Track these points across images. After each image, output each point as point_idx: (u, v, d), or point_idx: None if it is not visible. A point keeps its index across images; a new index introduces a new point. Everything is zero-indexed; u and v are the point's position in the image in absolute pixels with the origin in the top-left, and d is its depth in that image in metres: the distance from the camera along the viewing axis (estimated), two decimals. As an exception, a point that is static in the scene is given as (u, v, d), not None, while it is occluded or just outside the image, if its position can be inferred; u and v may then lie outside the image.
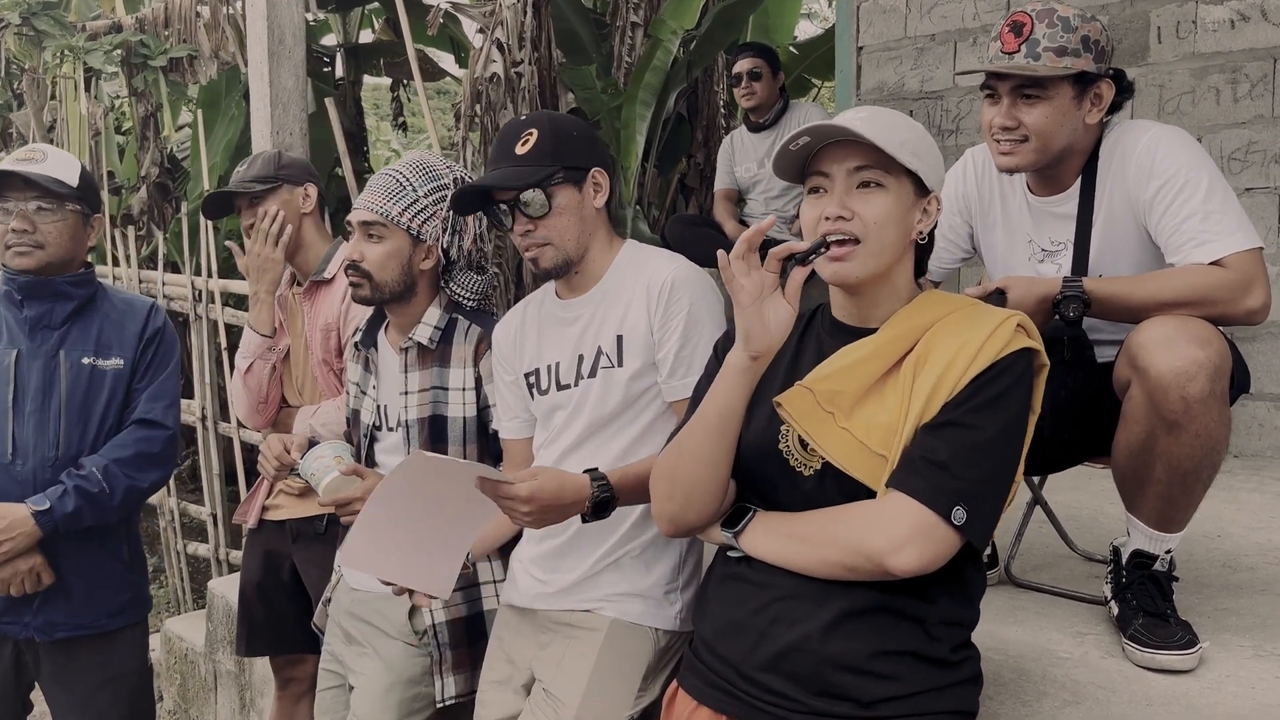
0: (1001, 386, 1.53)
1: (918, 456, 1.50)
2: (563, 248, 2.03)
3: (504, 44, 6.27)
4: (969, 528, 1.49)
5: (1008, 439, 1.54)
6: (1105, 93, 2.11)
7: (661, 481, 1.68)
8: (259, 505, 2.87)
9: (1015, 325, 1.56)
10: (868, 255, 1.58)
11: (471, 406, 2.33)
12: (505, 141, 2.06)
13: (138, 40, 6.06)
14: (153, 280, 6.00)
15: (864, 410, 1.56)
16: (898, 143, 1.55)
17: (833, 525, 1.55)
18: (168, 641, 4.01)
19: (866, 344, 1.60)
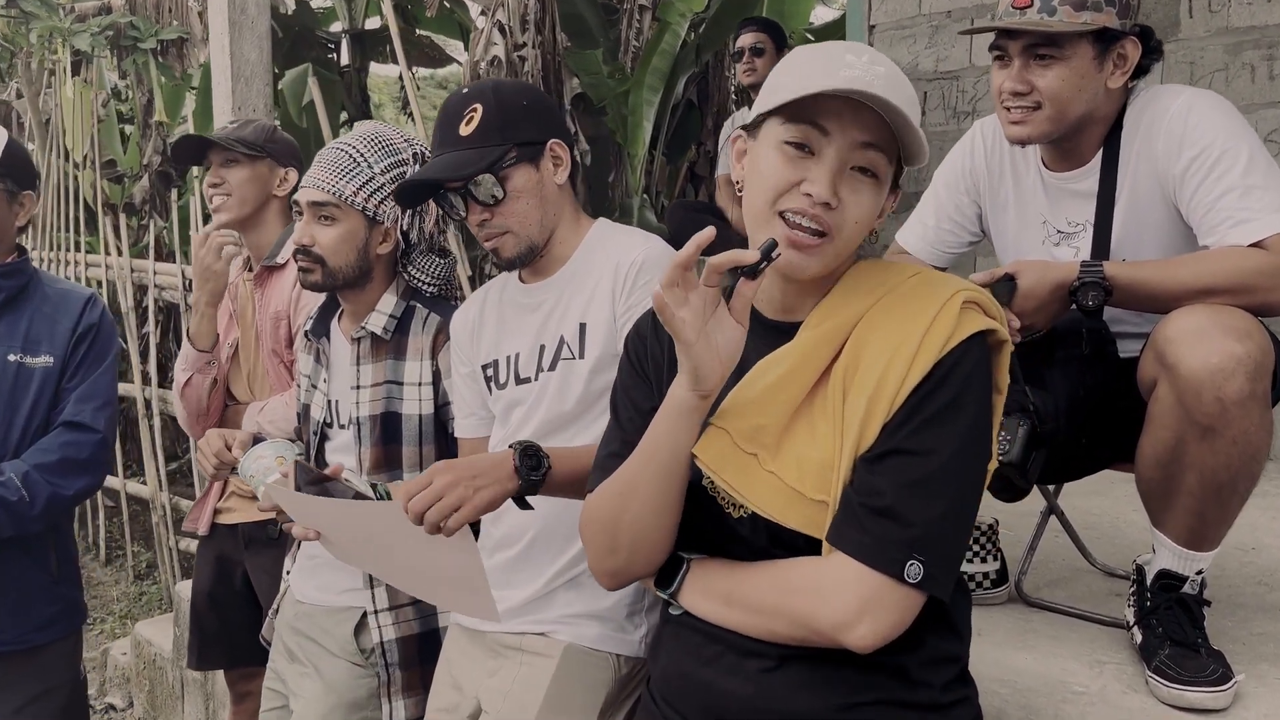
0: (951, 391, 1.25)
1: (857, 503, 1.25)
2: (524, 234, 1.82)
3: (506, 26, 6.06)
4: (929, 581, 1.24)
5: (966, 456, 1.26)
6: (1130, 53, 1.88)
7: (601, 534, 1.41)
8: (209, 510, 2.68)
9: (961, 304, 1.28)
10: (834, 255, 1.31)
11: (428, 403, 2.12)
12: (447, 121, 1.83)
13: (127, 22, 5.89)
14: (144, 269, 5.88)
15: (793, 444, 1.30)
16: (916, 121, 1.27)
17: (774, 593, 1.29)
18: (137, 646, 3.83)
19: (785, 356, 1.32)
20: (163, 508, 5.79)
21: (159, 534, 5.88)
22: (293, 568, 2.29)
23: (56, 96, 6.36)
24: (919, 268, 1.38)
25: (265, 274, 2.63)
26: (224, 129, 2.68)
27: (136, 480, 6.14)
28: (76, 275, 6.25)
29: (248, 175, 2.64)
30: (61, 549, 2.37)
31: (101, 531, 6.39)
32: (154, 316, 5.80)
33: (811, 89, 1.24)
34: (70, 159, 6.37)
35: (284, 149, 2.71)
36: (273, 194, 2.69)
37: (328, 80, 6.90)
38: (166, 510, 5.78)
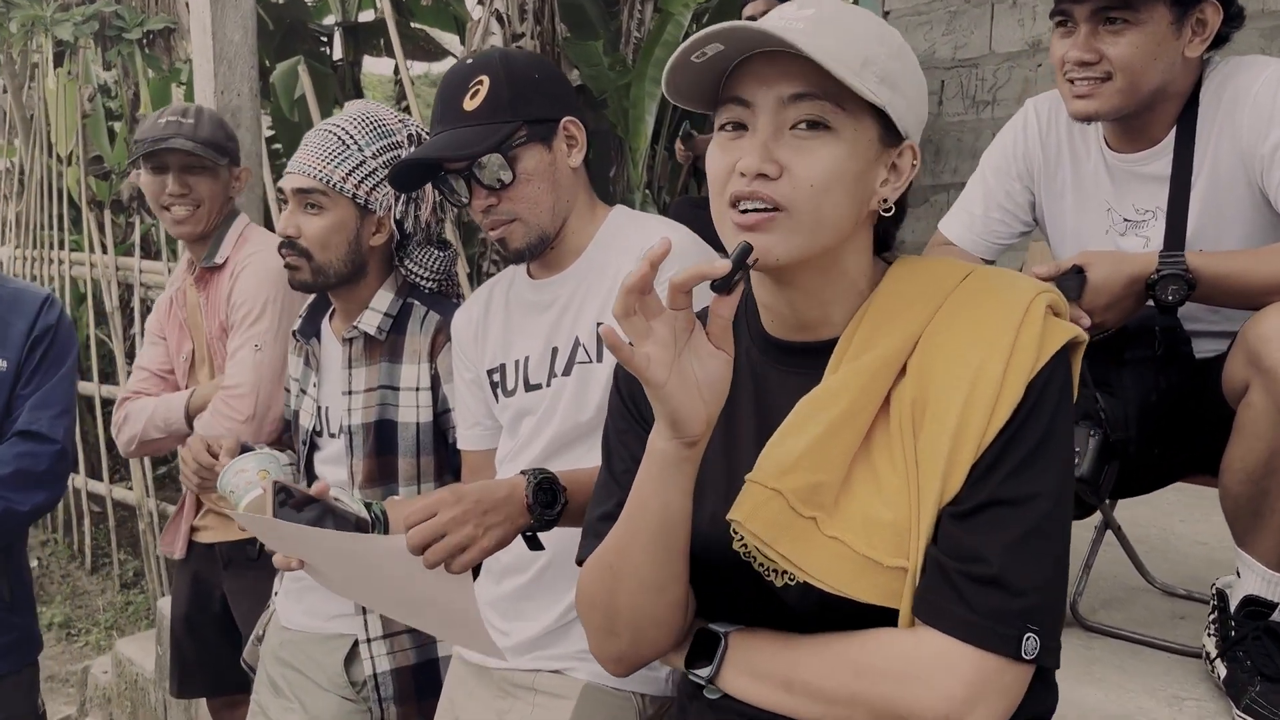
0: (1044, 421, 1.03)
1: (954, 570, 1.01)
2: (535, 223, 1.62)
3: (504, 15, 5.87)
4: (1045, 654, 1.02)
5: (1066, 494, 1.04)
6: (1210, 18, 1.68)
7: (595, 614, 1.18)
8: (184, 531, 2.48)
9: (1045, 308, 1.06)
10: (799, 231, 1.05)
11: (426, 410, 1.93)
12: (449, 94, 1.63)
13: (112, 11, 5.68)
14: (131, 268, 5.70)
15: (855, 500, 1.06)
16: (858, 61, 1.03)
17: (854, 680, 1.05)
18: (118, 664, 3.63)
19: (836, 393, 1.07)
20: (150, 514, 5.61)
21: (146, 541, 5.70)
22: (279, 590, 2.09)
23: (40, 90, 6.16)
24: (971, 265, 1.15)
25: (206, 276, 2.43)
26: (174, 124, 2.40)
27: (123, 486, 5.96)
28: (61, 274, 6.09)
29: (216, 183, 2.43)
30: (14, 574, 2.15)
31: (87, 539, 6.21)
32: (140, 316, 5.62)
33: (710, 50, 1.04)
34: (55, 155, 6.18)
35: (236, 145, 2.52)
36: (230, 197, 2.50)
37: (320, 74, 6.70)
38: (154, 517, 5.60)
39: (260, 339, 2.27)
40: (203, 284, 2.43)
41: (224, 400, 2.25)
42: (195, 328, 2.47)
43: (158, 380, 2.51)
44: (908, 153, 1.11)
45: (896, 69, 1.07)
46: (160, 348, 2.54)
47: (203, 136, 2.40)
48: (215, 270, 2.41)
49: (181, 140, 2.37)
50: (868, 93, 1.02)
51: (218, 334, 2.37)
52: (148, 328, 2.58)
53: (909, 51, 1.10)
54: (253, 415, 2.23)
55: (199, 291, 2.44)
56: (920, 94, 1.12)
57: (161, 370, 2.52)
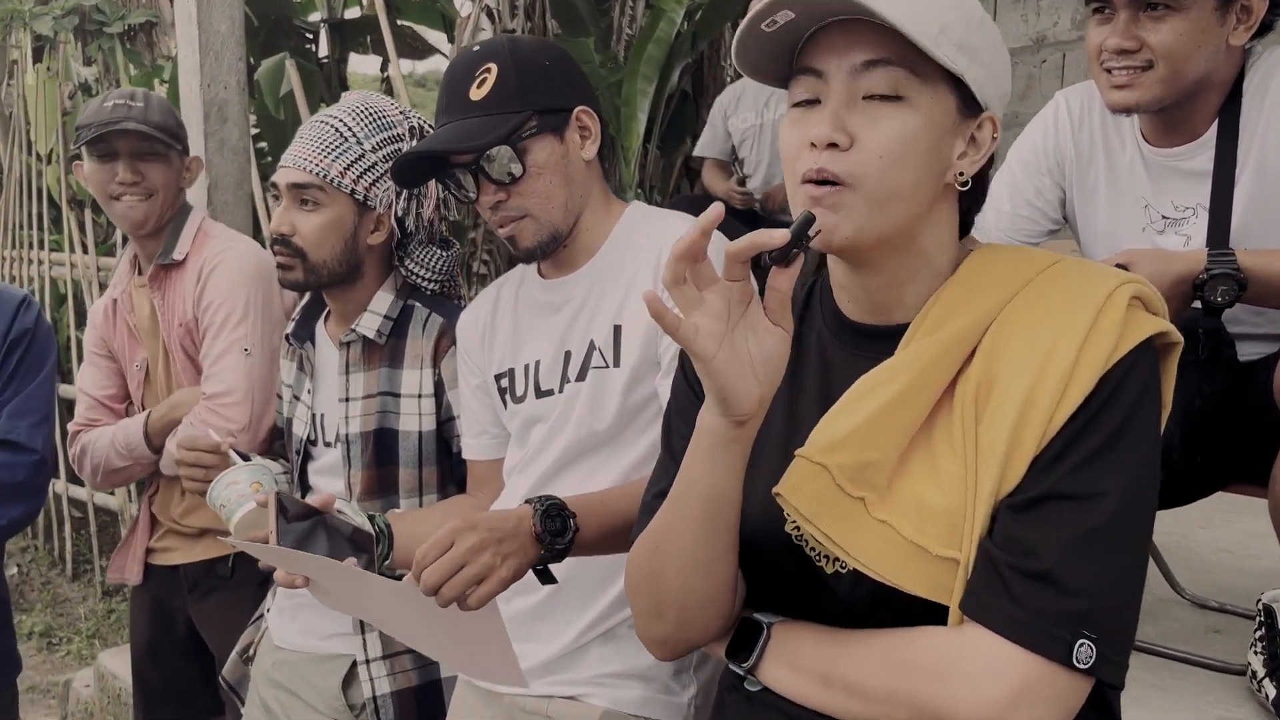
0: (1120, 414, 0.96)
1: (1004, 564, 0.95)
2: (546, 219, 1.53)
3: (495, 11, 5.78)
4: (1102, 665, 0.93)
5: (1141, 498, 0.97)
6: (1255, 5, 1.61)
7: (641, 595, 1.14)
8: (139, 555, 2.33)
9: (1130, 298, 0.99)
10: (865, 207, 1.00)
11: (429, 418, 1.83)
12: (455, 83, 1.54)
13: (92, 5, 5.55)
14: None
15: (909, 484, 1.01)
16: (935, 27, 0.98)
17: (894, 676, 0.99)
18: (100, 678, 3.52)
19: (896, 370, 1.02)
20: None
21: (128, 548, 5.60)
22: (271, 606, 1.99)
23: (19, 87, 6.03)
24: (1058, 255, 1.07)
25: (162, 274, 2.24)
26: (123, 107, 2.19)
27: (104, 490, 5.84)
28: (40, 274, 5.99)
29: (168, 171, 2.24)
30: None
31: (68, 545, 6.09)
32: (123, 318, 5.50)
33: (781, 19, 0.99)
34: (35, 153, 6.06)
35: (185, 132, 2.32)
36: (180, 188, 2.30)
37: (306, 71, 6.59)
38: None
39: (248, 341, 2.12)
40: (158, 283, 2.25)
41: (212, 409, 2.09)
42: (147, 333, 2.30)
43: (103, 409, 2.32)
44: (988, 124, 1.05)
45: (976, 38, 1.01)
46: (100, 367, 2.35)
47: (154, 120, 2.20)
48: (174, 267, 2.23)
49: (133, 123, 2.16)
50: (945, 59, 0.97)
51: (179, 335, 2.21)
52: (85, 343, 2.38)
53: (990, 23, 1.04)
54: (248, 424, 2.09)
55: (154, 291, 2.25)
56: (1003, 66, 1.05)
57: (104, 396, 2.33)
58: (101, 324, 2.36)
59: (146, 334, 2.30)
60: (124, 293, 2.34)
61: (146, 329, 2.30)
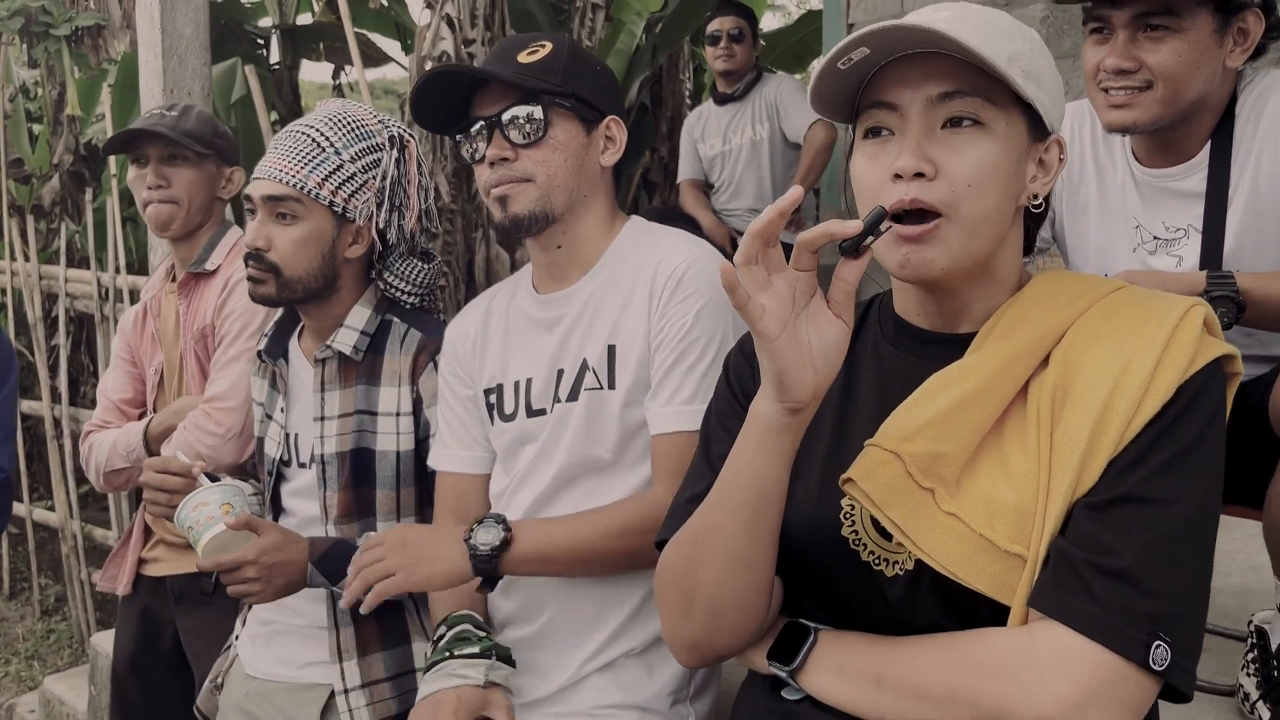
0: (1195, 426, 0.97)
1: (1081, 561, 0.95)
2: (545, 191, 1.49)
3: (455, 20, 5.71)
4: (1175, 671, 0.93)
5: (1212, 511, 0.98)
6: (1252, 27, 1.62)
7: (672, 592, 1.12)
8: (130, 565, 2.29)
9: (1202, 319, 1.02)
10: (959, 235, 1.02)
11: (407, 437, 1.77)
12: (506, 47, 1.53)
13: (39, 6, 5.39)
14: (54, 276, 5.41)
15: (978, 481, 1.01)
16: (1004, 57, 1.00)
17: (954, 674, 0.98)
18: (46, 704, 3.38)
19: (970, 369, 1.04)
20: (73, 537, 5.33)
21: (69, 566, 5.42)
22: (241, 633, 1.91)
23: (-43, 89, 5.84)
24: (1119, 281, 1.11)
25: (191, 281, 2.26)
26: (157, 115, 2.27)
27: (43, 506, 5.66)
28: (-21, 282, 5.77)
29: (197, 177, 2.26)
30: None
31: (4, 562, 5.91)
32: (64, 327, 5.39)
33: (855, 57, 1.01)
34: (-27, 159, 5.87)
35: (229, 144, 2.35)
36: (217, 196, 2.32)
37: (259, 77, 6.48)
38: (78, 539, 5.31)
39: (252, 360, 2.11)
40: (186, 290, 2.26)
41: (207, 412, 2.07)
42: (167, 339, 2.30)
43: (119, 413, 2.32)
44: (1054, 147, 1.09)
45: (1039, 64, 1.03)
46: (123, 371, 2.36)
47: (184, 128, 2.23)
48: (204, 276, 2.24)
49: (161, 128, 2.20)
50: (1020, 85, 0.99)
51: (195, 341, 2.20)
52: (114, 348, 2.40)
53: (1046, 49, 1.06)
54: (239, 431, 2.06)
55: (181, 298, 2.26)
56: (1060, 89, 1.08)
57: (123, 401, 2.33)
58: (130, 329, 2.38)
59: (168, 340, 2.31)
60: (154, 298, 2.35)
61: (168, 335, 2.30)
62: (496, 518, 1.44)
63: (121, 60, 6.06)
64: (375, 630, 1.75)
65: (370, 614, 1.72)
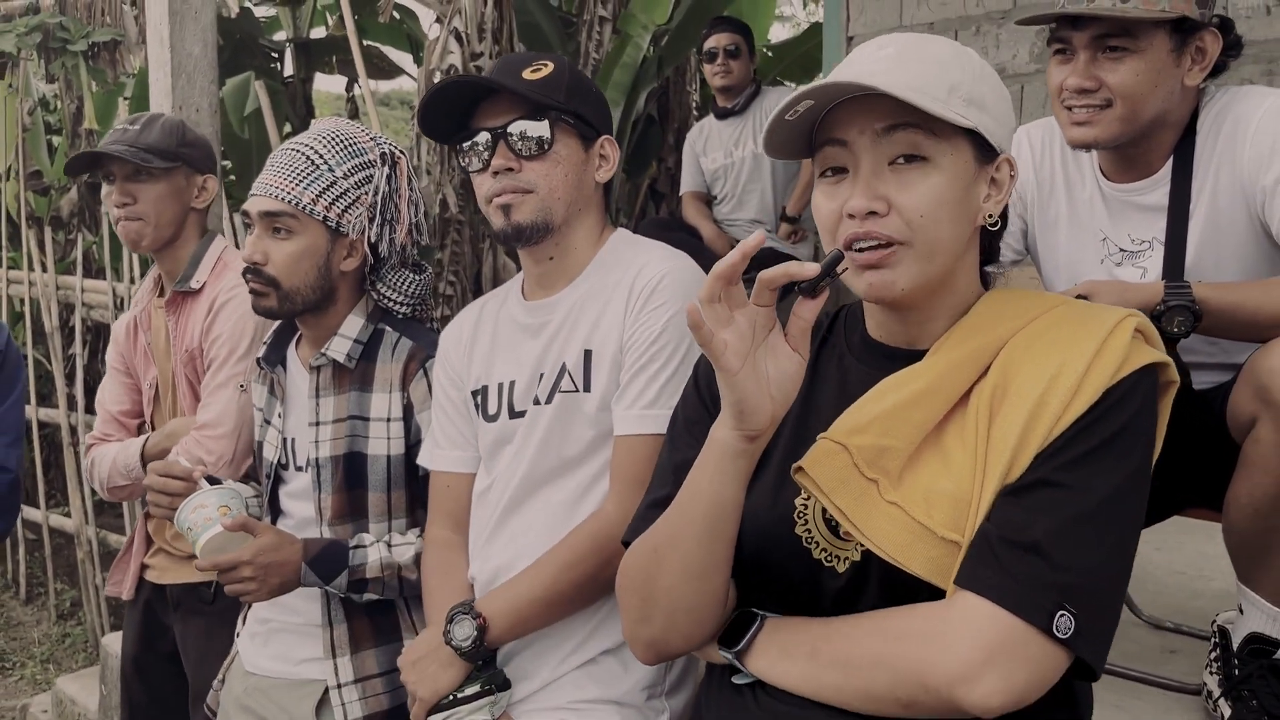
0: (1116, 424, 1.05)
1: (997, 538, 1.03)
2: (547, 202, 1.57)
3: (462, 34, 5.79)
4: (1079, 640, 1.00)
5: (1127, 501, 1.05)
6: (1209, 46, 1.67)
7: (632, 597, 1.20)
8: (134, 571, 2.35)
9: (1134, 330, 1.10)
10: (916, 260, 1.10)
11: (398, 442, 1.83)
12: (511, 64, 1.60)
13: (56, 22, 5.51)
14: (71, 286, 5.51)
15: (920, 474, 1.09)
16: (943, 90, 1.08)
17: (877, 641, 1.06)
18: (59, 704, 3.46)
19: (918, 373, 1.13)
20: (89, 542, 5.42)
21: (84, 571, 5.50)
22: (242, 631, 1.98)
23: (-23, 104, 5.95)
24: (1064, 297, 1.18)
25: (179, 300, 2.27)
26: (119, 132, 2.24)
27: (59, 512, 5.75)
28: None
29: (163, 191, 2.24)
30: None
31: (22, 567, 5.99)
32: (81, 336, 5.47)
33: (801, 108, 1.10)
34: (-8, 169, 6.00)
35: (199, 152, 2.31)
36: (191, 207, 2.30)
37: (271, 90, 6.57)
38: (93, 545, 5.40)
39: (245, 378, 2.13)
40: (173, 308, 2.27)
41: (198, 440, 2.10)
42: (159, 354, 2.32)
43: (118, 425, 2.35)
44: (1004, 165, 1.16)
45: (982, 89, 1.11)
46: (118, 382, 2.38)
47: (145, 142, 2.21)
48: (190, 295, 2.25)
49: (119, 146, 2.18)
50: (956, 118, 1.06)
51: (184, 362, 2.23)
52: (108, 358, 2.42)
53: (990, 69, 1.14)
54: (230, 458, 2.10)
55: (169, 315, 2.28)
56: (1007, 107, 1.15)
57: (121, 413, 2.36)
58: (123, 340, 2.39)
59: (160, 355, 2.32)
60: (143, 311, 2.36)
61: (160, 350, 2.32)
62: (464, 608, 1.52)
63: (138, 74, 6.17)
64: (368, 627, 1.81)
65: (363, 611, 1.81)
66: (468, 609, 1.52)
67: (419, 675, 1.54)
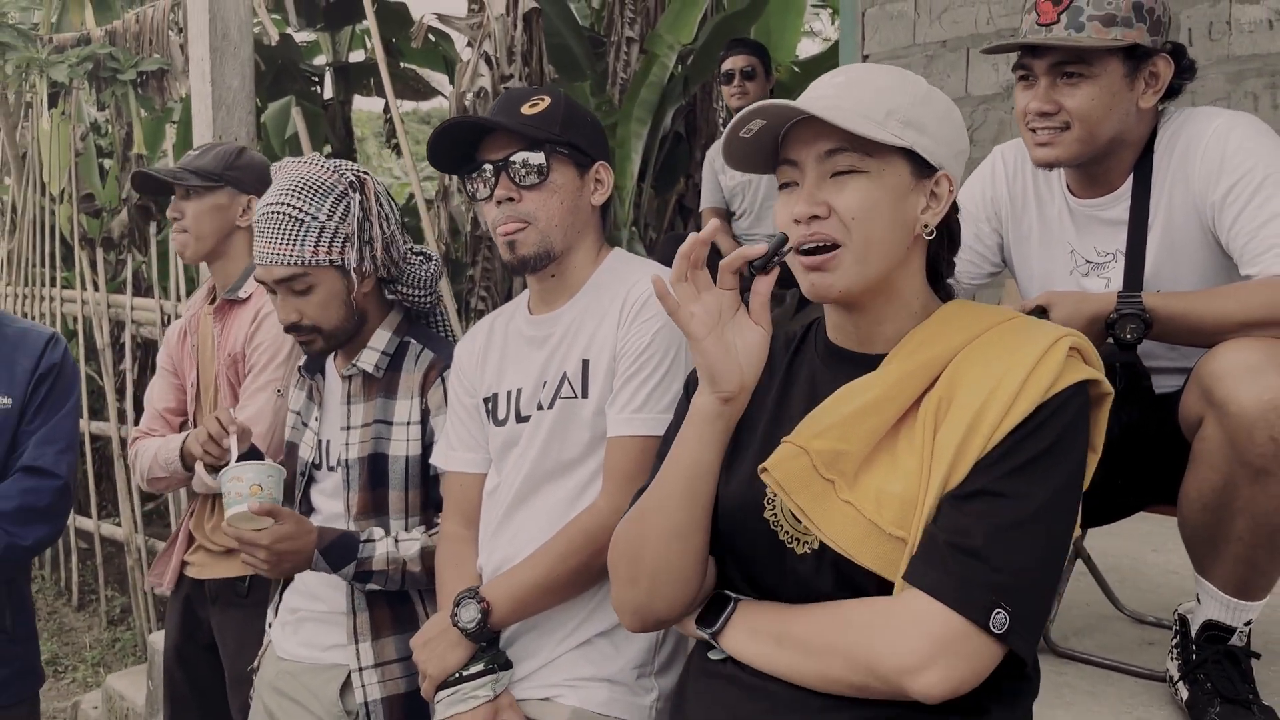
0: (1049, 438, 1.17)
1: (943, 541, 1.16)
2: (547, 233, 1.71)
3: (493, 58, 5.97)
4: (1013, 635, 1.13)
5: (1059, 509, 1.17)
6: (1162, 71, 1.78)
7: (621, 562, 1.34)
8: (175, 566, 2.53)
9: (1069, 348, 1.21)
10: (853, 262, 1.24)
11: (416, 444, 1.99)
12: (510, 100, 1.75)
13: (106, 53, 5.77)
14: (122, 305, 5.75)
15: (872, 476, 1.22)
16: (881, 113, 1.22)
17: (835, 630, 1.19)
18: (109, 700, 3.65)
19: (873, 382, 1.25)
20: (138, 550, 5.62)
21: (133, 578, 5.71)
22: (274, 620, 2.14)
23: (34, 130, 6.22)
24: (1014, 312, 1.31)
25: (227, 307, 2.49)
26: (185, 157, 2.54)
27: (110, 522, 5.96)
28: (53, 311, 6.13)
29: (205, 207, 2.48)
30: (17, 605, 2.19)
31: (74, 575, 6.20)
32: (131, 353, 5.67)
33: (754, 126, 1.25)
34: (47, 193, 6.24)
35: (248, 174, 2.52)
36: (235, 224, 2.52)
37: (311, 113, 6.80)
38: (142, 553, 5.60)
39: (283, 384, 2.32)
40: (221, 315, 2.48)
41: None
42: (204, 357, 2.52)
43: (163, 420, 2.55)
44: (944, 181, 1.28)
45: (922, 113, 1.24)
46: (166, 382, 2.59)
47: (194, 165, 2.47)
48: (238, 303, 2.46)
49: (164, 170, 2.47)
50: (889, 138, 1.20)
51: (226, 365, 2.41)
52: (159, 360, 2.64)
53: (937, 96, 1.27)
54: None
55: (216, 321, 2.49)
56: (952, 130, 1.28)
57: (166, 410, 2.56)
58: (174, 343, 2.61)
59: (205, 358, 2.52)
60: (193, 316, 2.58)
61: (205, 353, 2.52)
62: (470, 594, 1.67)
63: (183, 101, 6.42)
64: (388, 616, 1.96)
65: (384, 601, 1.96)
66: (473, 594, 1.66)
67: (429, 654, 1.69)
